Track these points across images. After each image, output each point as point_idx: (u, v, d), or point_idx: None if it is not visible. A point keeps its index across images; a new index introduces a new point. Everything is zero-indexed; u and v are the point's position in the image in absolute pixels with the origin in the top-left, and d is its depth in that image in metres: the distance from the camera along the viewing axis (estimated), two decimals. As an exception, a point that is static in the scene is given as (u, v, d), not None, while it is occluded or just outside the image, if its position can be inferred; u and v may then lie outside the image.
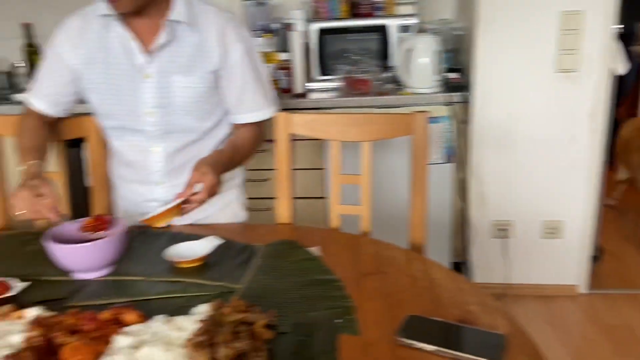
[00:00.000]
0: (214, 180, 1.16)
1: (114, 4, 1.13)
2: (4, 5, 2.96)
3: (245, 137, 1.34)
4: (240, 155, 1.33)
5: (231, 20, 1.28)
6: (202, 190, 1.15)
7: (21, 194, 1.11)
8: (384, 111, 2.26)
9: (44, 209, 1.10)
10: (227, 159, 1.25)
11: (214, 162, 1.19)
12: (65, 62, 1.27)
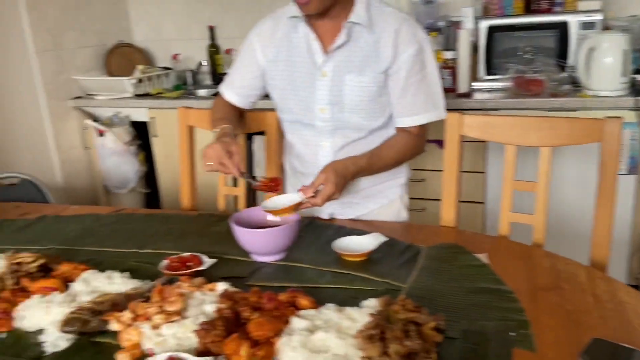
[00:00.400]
0: (333, 189, 1.17)
1: (303, 6, 1.21)
2: (195, 9, 3.31)
3: (394, 144, 1.33)
4: (384, 162, 1.32)
5: (407, 21, 1.28)
6: (319, 195, 1.17)
7: (212, 147, 1.22)
8: (558, 114, 2.09)
9: (230, 164, 1.20)
10: (361, 168, 1.25)
11: (342, 169, 1.20)
12: (256, 59, 1.39)
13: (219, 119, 1.37)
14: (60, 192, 2.96)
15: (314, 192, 1.17)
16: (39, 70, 2.79)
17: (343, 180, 1.19)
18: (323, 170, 1.19)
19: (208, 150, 1.22)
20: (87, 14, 3.09)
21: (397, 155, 1.33)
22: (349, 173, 1.22)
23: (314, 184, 1.17)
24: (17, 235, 1.35)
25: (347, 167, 1.21)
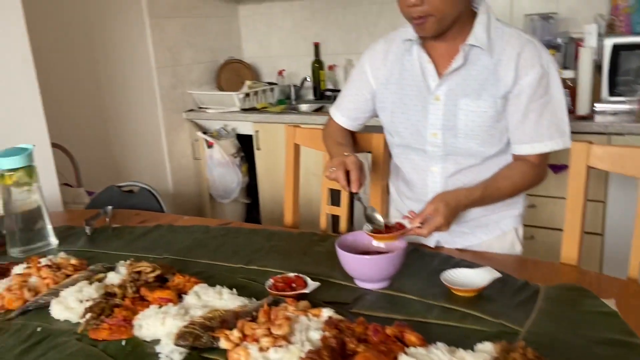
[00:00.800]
0: (442, 221, 1.12)
1: (419, 27, 1.17)
2: (301, 27, 3.40)
3: (510, 174, 1.25)
4: (499, 193, 1.24)
5: (530, 43, 1.20)
6: (425, 226, 1.12)
7: (337, 159, 1.22)
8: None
9: (354, 176, 1.18)
10: (473, 200, 1.19)
11: (454, 202, 1.15)
12: (367, 81, 1.38)
13: (340, 144, 1.37)
14: (170, 198, 3.15)
15: (421, 221, 1.13)
16: (157, 84, 3.00)
17: (453, 213, 1.14)
18: (433, 200, 1.14)
19: (338, 159, 1.22)
20: (202, 32, 3.28)
21: (514, 187, 1.25)
22: (461, 205, 1.16)
23: (422, 214, 1.13)
24: (136, 242, 1.44)
25: (459, 200, 1.16)
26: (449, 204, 1.14)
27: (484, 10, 1.21)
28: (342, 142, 1.39)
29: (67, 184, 2.28)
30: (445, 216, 1.12)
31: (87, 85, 2.63)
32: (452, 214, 1.14)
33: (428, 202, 1.15)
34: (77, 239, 1.48)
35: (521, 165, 1.25)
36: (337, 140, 1.40)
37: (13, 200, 1.34)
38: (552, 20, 2.44)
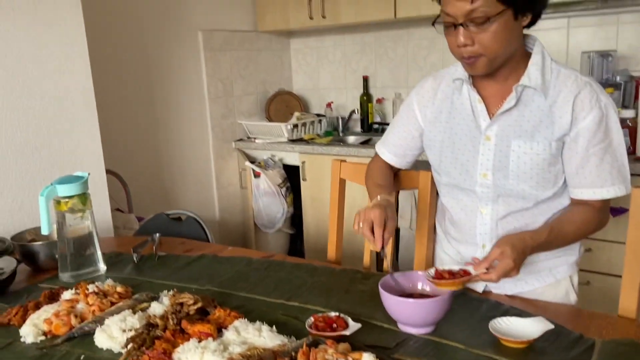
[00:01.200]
0: (511, 265, 1.05)
1: (470, 66, 1.15)
2: (351, 60, 3.44)
3: (574, 218, 1.19)
4: (563, 238, 1.18)
5: (588, 85, 1.16)
6: (493, 271, 1.05)
7: (372, 211, 1.19)
8: None
9: (379, 235, 1.16)
10: (539, 244, 1.12)
11: (520, 244, 1.08)
12: (415, 119, 1.36)
13: (378, 185, 1.35)
14: (215, 226, 3.20)
15: (487, 266, 1.06)
16: (209, 114, 3.09)
17: (522, 256, 1.08)
18: (498, 244, 1.08)
19: (366, 211, 1.19)
20: (254, 65, 3.37)
21: (578, 231, 1.18)
22: (528, 248, 1.09)
23: (488, 259, 1.07)
24: (180, 271, 1.46)
25: (525, 242, 1.09)
26: (516, 247, 1.07)
27: (539, 51, 1.18)
28: (382, 183, 1.36)
29: (119, 209, 2.35)
30: (515, 259, 1.06)
31: (142, 114, 2.73)
32: (520, 257, 1.08)
33: (494, 246, 1.09)
34: (125, 266, 1.51)
35: (584, 209, 1.19)
36: (377, 182, 1.37)
37: (67, 226, 1.39)
38: (611, 58, 2.36)
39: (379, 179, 1.39)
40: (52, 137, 1.78)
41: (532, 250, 1.11)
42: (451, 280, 1.07)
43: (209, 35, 3.03)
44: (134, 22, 2.65)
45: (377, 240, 1.16)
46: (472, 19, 1.07)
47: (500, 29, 1.08)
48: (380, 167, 1.45)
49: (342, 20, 3.00)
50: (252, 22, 3.34)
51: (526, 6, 1.09)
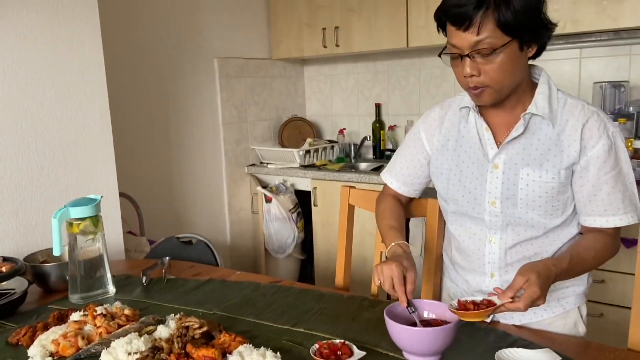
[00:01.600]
0: (538, 292, 1.02)
1: (477, 97, 1.17)
2: (363, 87, 3.48)
3: (592, 245, 1.18)
4: (583, 265, 1.16)
5: (595, 113, 1.17)
6: (521, 299, 1.02)
7: (389, 266, 1.14)
8: None
9: (401, 291, 1.12)
10: (563, 270, 1.10)
11: (545, 271, 1.06)
12: (422, 147, 1.37)
13: (391, 227, 1.33)
14: (227, 250, 3.21)
15: (512, 295, 1.03)
16: (223, 139, 3.13)
17: (547, 284, 1.05)
18: (522, 272, 1.05)
19: (384, 268, 1.15)
20: (268, 91, 3.43)
21: (596, 258, 1.17)
22: (552, 276, 1.07)
23: (513, 287, 1.03)
24: (188, 295, 1.47)
25: (549, 269, 1.07)
26: (541, 274, 1.04)
27: (545, 81, 1.20)
28: (394, 225, 1.34)
29: (131, 232, 2.38)
30: (541, 286, 1.03)
31: (156, 138, 2.78)
32: (546, 284, 1.05)
33: (517, 274, 1.06)
34: (134, 289, 1.52)
35: (600, 236, 1.19)
36: (389, 223, 1.35)
37: (78, 248, 1.41)
38: (623, 89, 2.36)
39: (391, 219, 1.37)
40: (67, 161, 1.82)
41: (556, 277, 1.09)
42: (477, 312, 1.04)
43: (224, 62, 3.10)
44: (151, 48, 2.72)
45: (401, 299, 1.12)
46: (478, 50, 1.09)
47: (506, 60, 1.09)
48: (392, 205, 1.42)
49: (355, 48, 3.05)
50: (267, 50, 3.41)
51: (531, 38, 1.10)
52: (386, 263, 1.16)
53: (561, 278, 1.12)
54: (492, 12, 1.05)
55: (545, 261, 1.10)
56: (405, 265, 1.15)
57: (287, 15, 3.29)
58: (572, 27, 2.33)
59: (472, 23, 1.06)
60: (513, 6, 1.05)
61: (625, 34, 2.42)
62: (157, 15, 2.73)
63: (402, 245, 1.24)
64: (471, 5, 1.05)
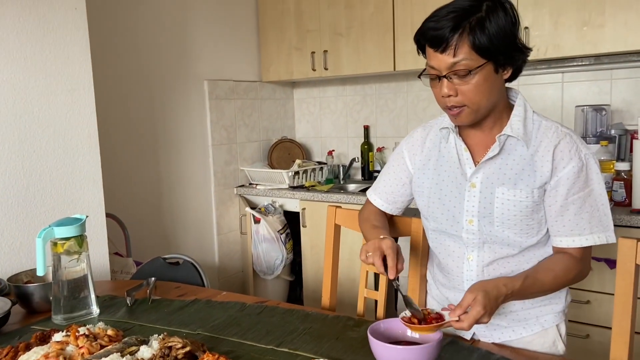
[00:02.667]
0: (482, 312, 1.04)
1: (455, 117, 1.20)
2: (352, 110, 3.53)
3: (552, 266, 1.20)
4: (539, 287, 1.18)
5: (568, 136, 1.20)
6: (464, 318, 1.05)
7: (382, 241, 1.20)
8: None
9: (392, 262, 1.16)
10: (514, 291, 1.12)
11: (494, 290, 1.09)
12: (405, 166, 1.41)
13: (375, 227, 1.37)
14: (215, 272, 3.19)
15: (461, 313, 1.07)
16: (212, 160, 3.14)
17: (494, 303, 1.08)
18: (471, 289, 1.09)
19: (375, 242, 1.20)
20: (258, 113, 3.46)
21: (556, 280, 1.19)
22: (501, 295, 1.10)
23: (462, 305, 1.07)
24: (173, 315, 1.46)
25: (499, 289, 1.10)
26: (488, 293, 1.08)
27: (521, 103, 1.24)
28: (378, 225, 1.39)
29: (117, 253, 2.37)
30: (485, 305, 1.06)
31: (145, 158, 2.79)
32: (492, 304, 1.08)
33: (466, 292, 1.10)
34: (118, 309, 1.51)
35: (563, 258, 1.21)
36: (373, 224, 1.40)
37: (62, 268, 1.41)
38: (605, 112, 2.42)
39: (374, 221, 1.41)
40: (54, 181, 1.82)
41: (507, 297, 1.11)
42: (423, 325, 1.08)
43: (214, 84, 3.14)
44: (142, 70, 2.75)
45: (391, 268, 1.16)
46: (454, 71, 1.12)
47: (481, 81, 1.13)
48: (375, 211, 1.48)
49: (343, 72, 3.09)
50: (256, 73, 3.46)
51: (506, 61, 1.15)
52: (375, 240, 1.19)
53: (515, 298, 1.14)
54: (468, 35, 1.09)
55: (496, 280, 1.13)
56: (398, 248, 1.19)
57: (276, 38, 3.35)
58: (554, 52, 2.39)
59: (448, 45, 1.10)
60: (488, 30, 1.09)
61: (606, 58, 2.49)
62: (148, 37, 2.77)
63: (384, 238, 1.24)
64: (447, 29, 1.10)
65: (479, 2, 1.12)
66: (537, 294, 1.21)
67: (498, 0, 1.13)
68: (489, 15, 1.10)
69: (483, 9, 1.11)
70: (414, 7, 2.76)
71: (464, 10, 1.11)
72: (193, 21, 3.01)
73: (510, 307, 1.26)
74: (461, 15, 1.10)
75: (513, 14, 1.14)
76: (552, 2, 2.37)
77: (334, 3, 3.07)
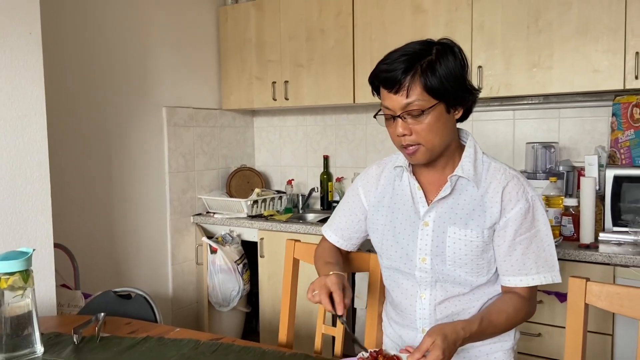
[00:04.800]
0: (441, 357, 1.05)
1: (410, 156, 1.23)
2: (312, 140, 3.55)
3: (504, 308, 1.22)
4: (493, 328, 1.20)
5: (515, 178, 1.25)
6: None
7: (328, 278, 1.20)
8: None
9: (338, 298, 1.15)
10: (472, 334, 1.14)
11: (452, 334, 1.10)
12: (360, 202, 1.42)
13: (328, 262, 1.37)
14: (168, 303, 3.10)
15: (419, 357, 1.06)
16: (169, 188, 3.08)
17: (452, 347, 1.09)
18: (430, 333, 1.09)
19: (321, 279, 1.20)
20: (217, 141, 3.43)
21: (508, 321, 1.22)
22: (459, 339, 1.11)
23: (420, 349, 1.06)
24: (123, 355, 1.40)
25: (457, 333, 1.11)
26: (447, 337, 1.08)
27: (471, 145, 1.28)
28: (331, 261, 1.38)
29: (65, 285, 2.27)
30: (444, 350, 1.06)
31: (98, 186, 2.71)
32: (451, 348, 1.09)
33: (425, 335, 1.09)
34: (64, 348, 1.44)
35: (513, 298, 1.24)
36: (326, 260, 1.39)
37: (5, 304, 1.33)
38: (553, 149, 2.52)
39: (327, 257, 1.41)
40: (1, 212, 1.73)
41: (464, 341, 1.13)
42: None
43: (172, 111, 3.10)
44: (97, 94, 2.69)
45: (338, 304, 1.15)
46: (408, 111, 1.17)
47: (433, 121, 1.17)
48: (329, 247, 1.48)
49: (304, 102, 3.12)
50: (217, 101, 3.44)
51: (456, 101, 1.19)
52: (322, 278, 1.19)
53: (471, 340, 1.16)
54: (419, 77, 1.14)
55: (454, 324, 1.13)
56: (344, 281, 1.18)
57: (237, 68, 3.35)
58: (506, 91, 2.49)
59: (401, 87, 1.15)
60: (438, 72, 1.14)
61: (554, 98, 2.62)
62: (104, 61, 2.72)
63: (340, 272, 1.25)
64: (400, 71, 1.14)
65: (429, 46, 1.18)
66: (492, 335, 1.23)
67: (447, 45, 1.19)
68: (439, 58, 1.15)
69: (433, 52, 1.16)
70: (374, 42, 2.83)
71: (415, 54, 1.16)
72: (153, 47, 2.98)
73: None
74: (413, 58, 1.15)
75: (462, 57, 1.19)
76: (504, 43, 2.48)
77: (295, 35, 3.11)
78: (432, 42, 1.20)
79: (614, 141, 2.34)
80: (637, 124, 2.25)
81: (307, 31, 3.07)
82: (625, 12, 2.21)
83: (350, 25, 2.91)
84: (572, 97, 2.58)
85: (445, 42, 1.20)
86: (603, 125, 2.57)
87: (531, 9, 2.40)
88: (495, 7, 2.48)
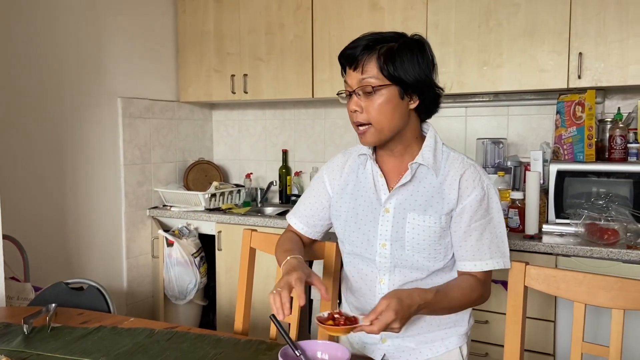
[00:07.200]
0: (393, 317, 1.07)
1: (361, 136, 1.29)
2: (271, 134, 3.56)
3: (459, 284, 1.28)
4: (448, 302, 1.24)
5: (473, 167, 1.31)
6: (375, 322, 1.08)
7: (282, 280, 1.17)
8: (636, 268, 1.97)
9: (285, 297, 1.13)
10: (426, 301, 1.16)
11: (407, 299, 1.12)
12: (325, 190, 1.46)
13: (286, 250, 1.37)
14: (123, 297, 3.05)
15: (374, 318, 1.09)
16: (124, 180, 3.03)
17: (406, 311, 1.11)
18: (386, 296, 1.12)
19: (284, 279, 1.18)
20: (174, 133, 3.40)
21: (463, 298, 1.26)
22: (414, 304, 1.13)
23: (375, 311, 1.09)
24: (74, 344, 1.38)
25: (413, 298, 1.13)
26: (402, 301, 1.10)
27: (432, 135, 1.33)
28: (290, 247, 1.40)
29: (14, 277, 2.20)
30: (397, 312, 1.08)
31: (49, 177, 2.64)
32: (405, 312, 1.10)
33: (381, 298, 1.12)
34: (14, 338, 1.41)
35: (469, 279, 1.29)
36: (285, 248, 1.40)
37: (-50, 294, 1.30)
38: (502, 145, 2.63)
39: (286, 245, 1.42)
40: (-56, 199, 1.68)
41: (419, 307, 1.14)
42: (336, 327, 1.11)
43: (128, 102, 3.05)
44: (47, 83, 2.62)
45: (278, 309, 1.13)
46: (362, 87, 1.22)
47: (384, 102, 1.22)
48: (290, 236, 1.49)
49: (263, 96, 3.13)
50: (174, 93, 3.40)
51: (411, 88, 1.24)
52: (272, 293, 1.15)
53: (426, 309, 1.17)
54: (377, 57, 1.20)
55: (410, 290, 1.17)
56: (306, 272, 1.19)
57: (196, 60, 3.33)
58: (458, 88, 2.58)
59: (358, 63, 1.22)
60: (397, 58, 1.20)
61: (504, 96, 2.73)
62: (55, 48, 2.65)
63: (298, 258, 1.27)
64: (359, 48, 1.22)
65: (400, 36, 1.25)
66: (446, 309, 1.26)
67: (417, 39, 1.26)
68: (402, 47, 1.22)
69: (400, 41, 1.23)
70: (332, 38, 2.87)
71: (382, 38, 1.23)
72: (107, 36, 2.91)
73: (418, 329, 1.33)
74: (377, 40, 1.22)
75: (430, 54, 1.27)
76: (456, 43, 2.56)
77: (255, 29, 3.12)
78: (404, 35, 1.27)
79: (558, 138, 2.47)
80: (579, 121, 2.37)
81: (266, 25, 3.08)
82: (570, 15, 2.33)
83: (310, 20, 2.94)
84: (521, 96, 2.70)
85: (416, 37, 1.27)
86: (548, 123, 2.70)
87: (482, 8, 2.50)
88: (449, 6, 2.56)
